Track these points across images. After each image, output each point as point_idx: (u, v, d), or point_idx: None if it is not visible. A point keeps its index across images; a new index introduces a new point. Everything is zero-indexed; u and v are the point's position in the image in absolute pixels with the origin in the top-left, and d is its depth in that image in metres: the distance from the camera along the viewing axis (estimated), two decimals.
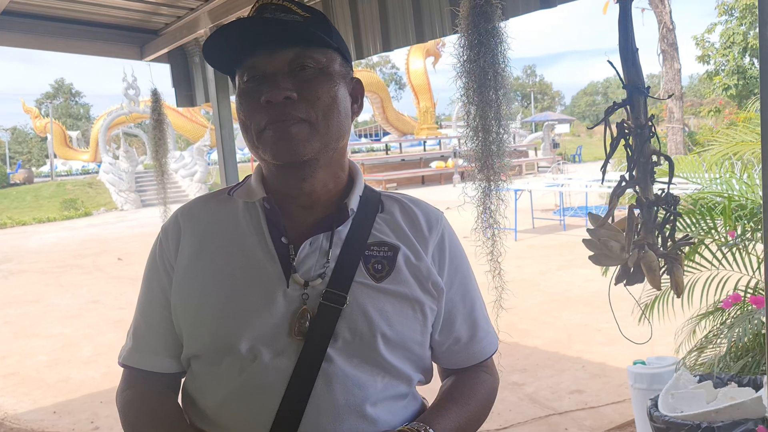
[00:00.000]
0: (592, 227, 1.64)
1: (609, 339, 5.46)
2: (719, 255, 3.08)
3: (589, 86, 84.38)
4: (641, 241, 1.61)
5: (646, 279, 1.63)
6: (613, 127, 1.68)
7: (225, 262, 1.07)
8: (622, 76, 1.66)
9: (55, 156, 30.94)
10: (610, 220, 1.70)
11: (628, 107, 1.65)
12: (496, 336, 1.26)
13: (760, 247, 2.98)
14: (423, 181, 25.38)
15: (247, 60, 1.04)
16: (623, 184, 1.64)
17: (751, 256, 3.04)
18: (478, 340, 1.20)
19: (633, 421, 3.67)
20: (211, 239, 1.10)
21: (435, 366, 1.21)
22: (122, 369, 1.17)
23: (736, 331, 2.76)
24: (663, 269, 1.64)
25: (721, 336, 2.86)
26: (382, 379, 1.05)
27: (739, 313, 2.90)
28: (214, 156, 28.41)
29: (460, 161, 25.50)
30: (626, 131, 1.62)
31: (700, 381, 2.45)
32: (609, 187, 12.77)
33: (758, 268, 3.05)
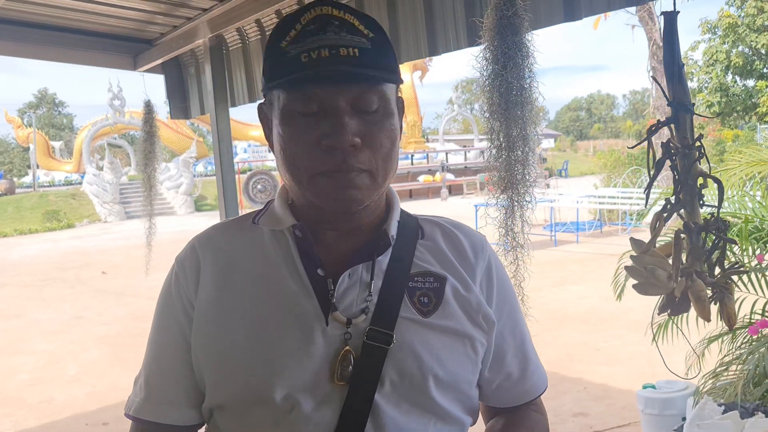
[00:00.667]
0: (635, 254, 1.53)
1: (609, 359, 5.37)
2: (735, 277, 2.99)
3: (573, 101, 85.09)
4: (688, 269, 1.50)
5: (693, 309, 1.52)
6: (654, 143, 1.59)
7: (254, 299, 0.94)
8: (665, 91, 1.56)
9: (38, 166, 30.51)
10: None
11: (672, 126, 1.54)
12: (544, 370, 1.15)
13: None
14: (410, 195, 25.31)
15: (304, 86, 0.89)
16: (669, 207, 1.53)
17: (767, 278, 2.95)
18: (529, 375, 1.09)
19: None
20: (235, 273, 0.97)
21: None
22: (130, 421, 1.02)
23: (755, 356, 2.66)
24: (711, 298, 1.53)
25: (740, 360, 2.77)
26: (434, 426, 0.94)
27: (757, 337, 2.81)
28: (200, 168, 28.19)
29: (449, 175, 25.50)
30: (672, 151, 1.51)
31: (724, 411, 2.35)
32: (601, 203, 12.76)
33: None
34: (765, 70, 28.20)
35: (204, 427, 1.03)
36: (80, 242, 17.55)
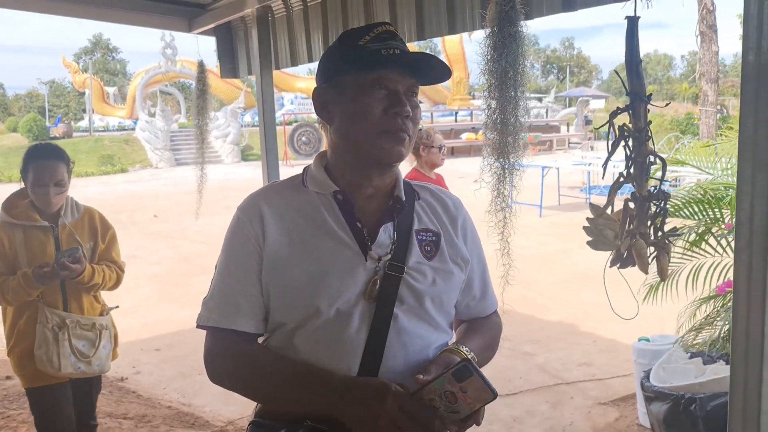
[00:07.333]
0: (593, 216, 1.87)
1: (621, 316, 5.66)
2: (724, 243, 3.27)
3: None
4: (633, 231, 1.84)
5: (636, 264, 1.86)
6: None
7: (311, 241, 1.33)
8: (626, 84, 1.87)
9: (93, 111, 31.57)
10: (609, 211, 1.94)
11: (630, 112, 1.86)
12: (495, 295, 1.60)
13: None
14: (452, 152, 25.38)
15: (381, 70, 1.30)
16: (621, 180, 1.86)
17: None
18: (488, 297, 1.54)
19: (635, 393, 3.92)
20: (294, 221, 1.35)
21: None
22: (204, 331, 1.36)
23: (729, 314, 2.97)
24: (652, 256, 1.87)
25: (718, 318, 3.07)
26: (433, 333, 1.37)
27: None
28: (247, 118, 28.76)
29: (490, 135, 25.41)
30: (626, 134, 1.84)
31: (691, 357, 2.68)
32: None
33: None
34: None
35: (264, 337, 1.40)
36: (133, 186, 18.39)
